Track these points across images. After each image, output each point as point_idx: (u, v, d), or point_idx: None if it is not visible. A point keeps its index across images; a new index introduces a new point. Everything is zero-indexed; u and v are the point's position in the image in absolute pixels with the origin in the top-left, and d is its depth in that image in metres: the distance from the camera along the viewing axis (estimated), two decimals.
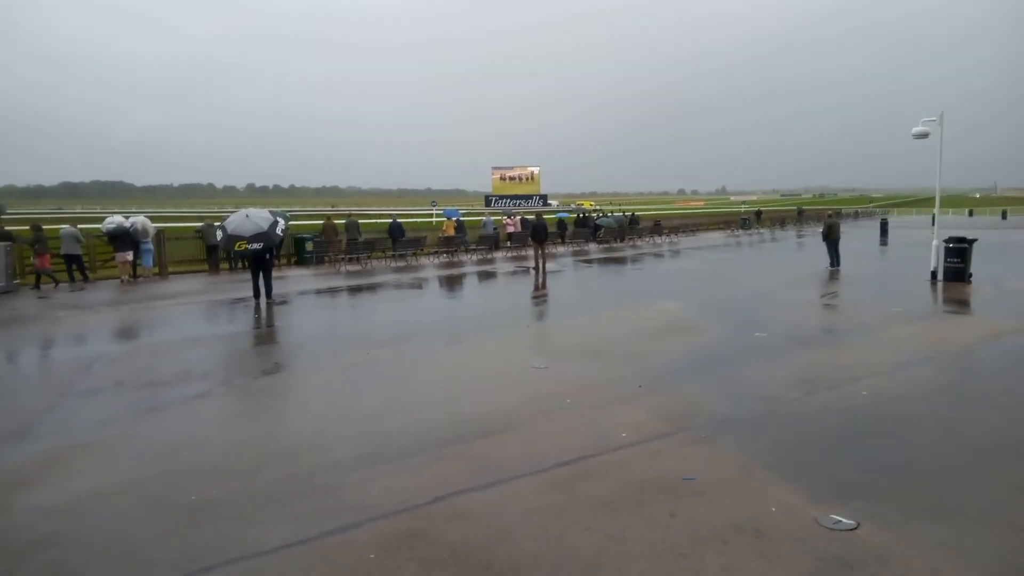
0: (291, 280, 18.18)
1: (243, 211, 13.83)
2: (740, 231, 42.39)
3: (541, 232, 20.87)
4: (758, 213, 49.10)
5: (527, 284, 17.62)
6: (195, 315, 12.95)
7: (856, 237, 33.81)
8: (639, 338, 10.17)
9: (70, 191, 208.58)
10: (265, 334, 11.12)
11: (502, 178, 78.07)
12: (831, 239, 19.60)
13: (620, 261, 24.08)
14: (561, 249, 28.94)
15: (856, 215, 69.68)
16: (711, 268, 21.39)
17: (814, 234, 39.94)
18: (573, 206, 78.99)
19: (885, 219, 39.14)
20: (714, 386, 7.47)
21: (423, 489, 4.85)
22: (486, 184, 78.41)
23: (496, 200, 73.98)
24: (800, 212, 53.97)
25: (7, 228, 17.71)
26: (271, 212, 14.10)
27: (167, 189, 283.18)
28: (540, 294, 15.73)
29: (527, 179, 77.97)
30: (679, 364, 8.59)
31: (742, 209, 74.65)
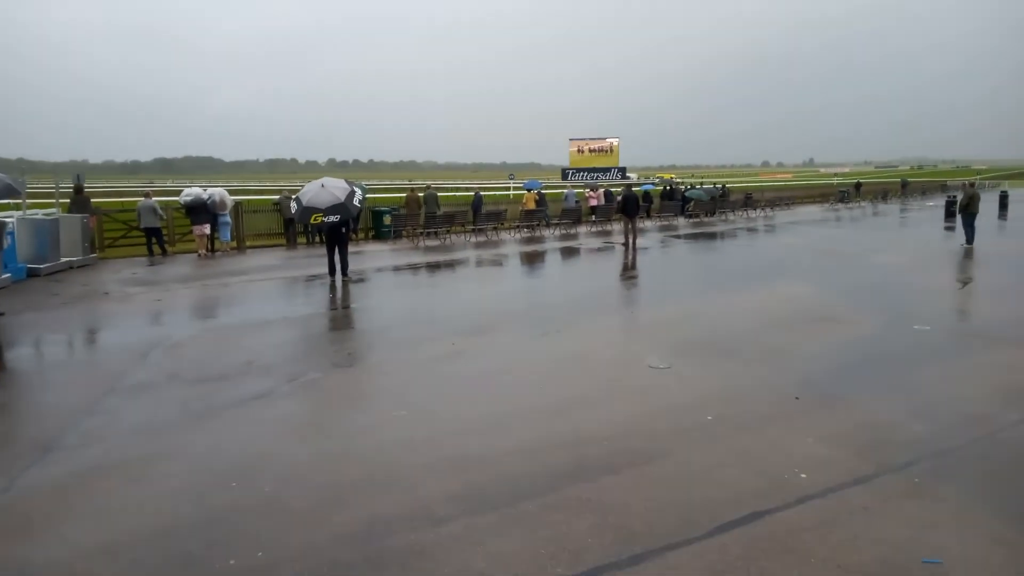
0: (368, 256, 17.12)
1: (318, 181, 12.71)
2: (840, 204, 39.18)
3: (632, 205, 19.15)
4: (857, 185, 45.38)
5: (618, 262, 15.98)
6: (267, 294, 11.96)
7: None
8: (772, 330, 8.47)
9: (163, 167, 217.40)
10: (340, 317, 9.97)
11: (580, 150, 75.84)
12: (969, 212, 17.08)
13: (716, 236, 22.06)
14: (648, 223, 26.99)
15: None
16: (823, 245, 19.15)
17: (921, 208, 36.52)
18: (656, 179, 76.16)
19: (1005, 191, 35.31)
20: (897, 399, 5.77)
21: (544, 562, 3.44)
22: (561, 158, 76.30)
23: (573, 173, 71.92)
24: (904, 184, 49.78)
25: (92, 199, 17.25)
26: (347, 182, 12.93)
27: (253, 164, 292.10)
28: (633, 274, 14.09)
29: (606, 151, 75.51)
30: (834, 365, 6.89)
31: (835, 181, 70.16)
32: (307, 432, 5.44)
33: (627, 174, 78.14)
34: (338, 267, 13.05)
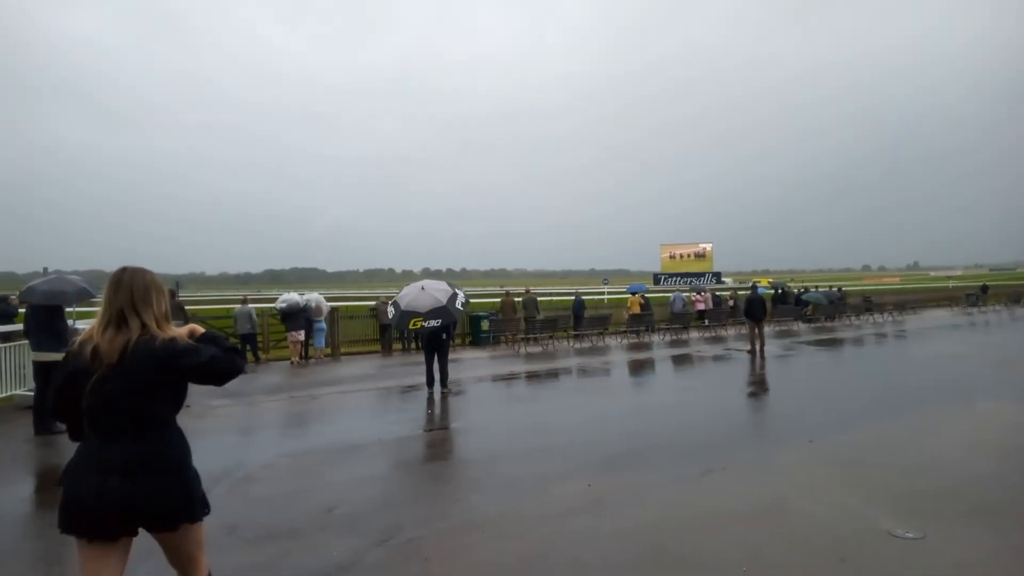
0: (466, 364, 15.47)
1: (418, 284, 11.32)
2: (972, 309, 35.13)
3: (758, 308, 16.90)
4: (984, 288, 41.05)
5: (751, 373, 13.65)
6: (359, 409, 10.38)
7: None
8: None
9: (272, 278, 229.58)
10: (440, 441, 8.17)
11: (671, 256, 73.88)
12: None
13: (850, 343, 19.31)
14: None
15: None
16: (991, 354, 16.13)
17: None
18: (767, 282, 72.91)
19: None
20: None
21: None
22: (651, 263, 74.44)
23: (666, 279, 69.76)
24: None
25: (186, 306, 16.58)
26: (449, 284, 11.49)
27: (353, 274, 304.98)
28: (776, 388, 11.75)
29: (699, 256, 73.33)
30: None
31: (951, 285, 64.87)
32: None
33: (722, 279, 75.30)
34: (437, 377, 11.44)
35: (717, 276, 72.45)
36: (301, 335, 16.55)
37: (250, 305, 17.00)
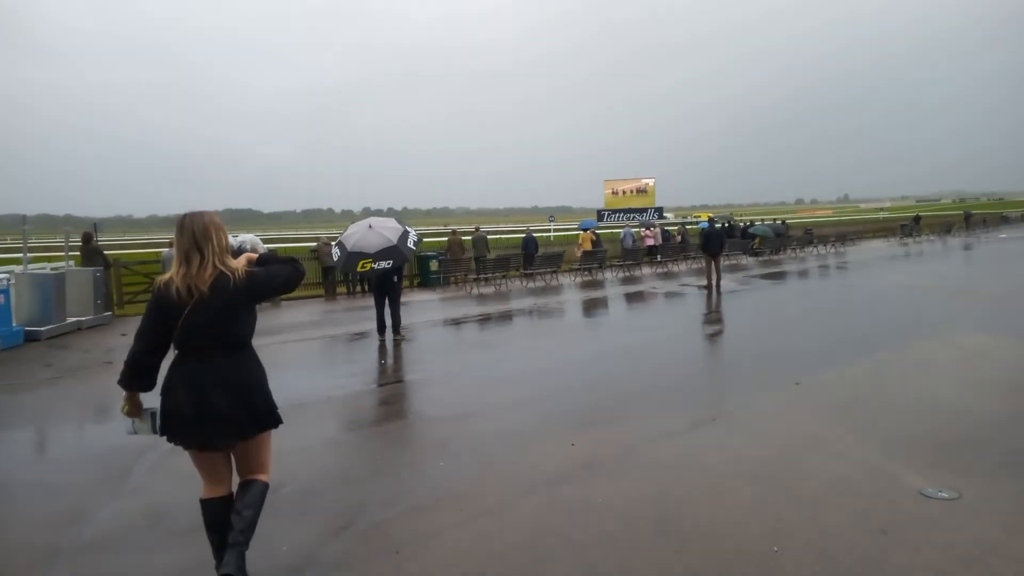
0: (417, 307, 14.58)
1: (365, 221, 10.25)
2: (908, 239, 35.94)
3: (715, 243, 16.49)
4: (917, 219, 42.14)
5: (715, 309, 13.22)
6: (304, 361, 9.43)
7: None
8: None
9: None
10: (398, 396, 7.35)
11: (614, 192, 73.60)
12: None
13: (804, 276, 19.22)
14: None
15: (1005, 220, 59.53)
16: (937, 282, 16.16)
17: (996, 239, 33.25)
18: (692, 217, 73.48)
19: None
20: None
21: None
22: (594, 200, 74.05)
23: (609, 214, 69.51)
24: (968, 216, 46.31)
25: (106, 251, 15.00)
26: (398, 221, 10.47)
27: (291, 215, 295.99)
28: (743, 325, 11.34)
29: (642, 191, 73.18)
30: None
31: (881, 216, 66.76)
32: None
33: (663, 214, 75.72)
34: (388, 323, 10.54)
35: (659, 212, 72.68)
36: None
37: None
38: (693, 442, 5.31)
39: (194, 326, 2.91)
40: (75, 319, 12.18)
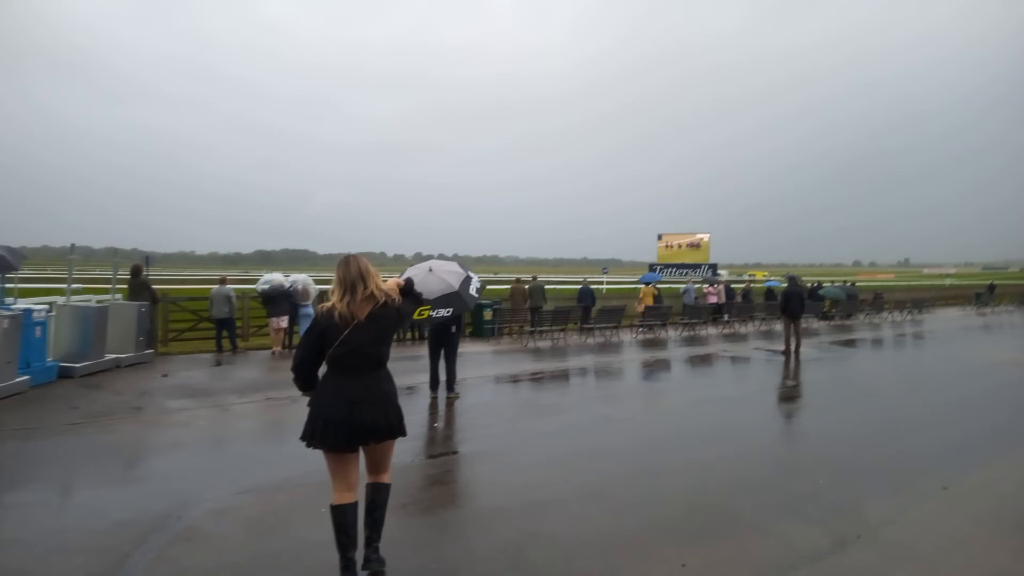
0: (470, 359, 13.48)
1: (425, 264, 9.24)
2: (984, 308, 33.48)
3: (796, 304, 15.02)
4: (991, 287, 39.49)
5: (799, 383, 11.75)
6: None
7: None
8: None
9: (263, 258, 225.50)
10: (449, 475, 6.18)
11: (668, 245, 72.21)
12: None
13: (887, 345, 17.50)
14: (778, 325, 22.51)
15: None
16: None
17: None
18: (747, 276, 71.27)
19: None
20: None
21: None
22: (644, 253, 72.60)
23: (661, 269, 67.94)
24: None
25: (154, 284, 14.36)
26: (461, 265, 9.45)
27: None
28: (826, 400, 9.86)
29: (695, 247, 71.51)
30: None
31: (947, 283, 63.52)
32: None
33: (718, 271, 73.80)
34: (442, 378, 9.46)
35: (713, 268, 70.81)
36: (284, 321, 14.48)
37: (229, 286, 14.86)
38: (846, 572, 3.98)
39: (353, 346, 3.50)
40: (114, 356, 11.44)
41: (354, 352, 3.52)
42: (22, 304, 9.81)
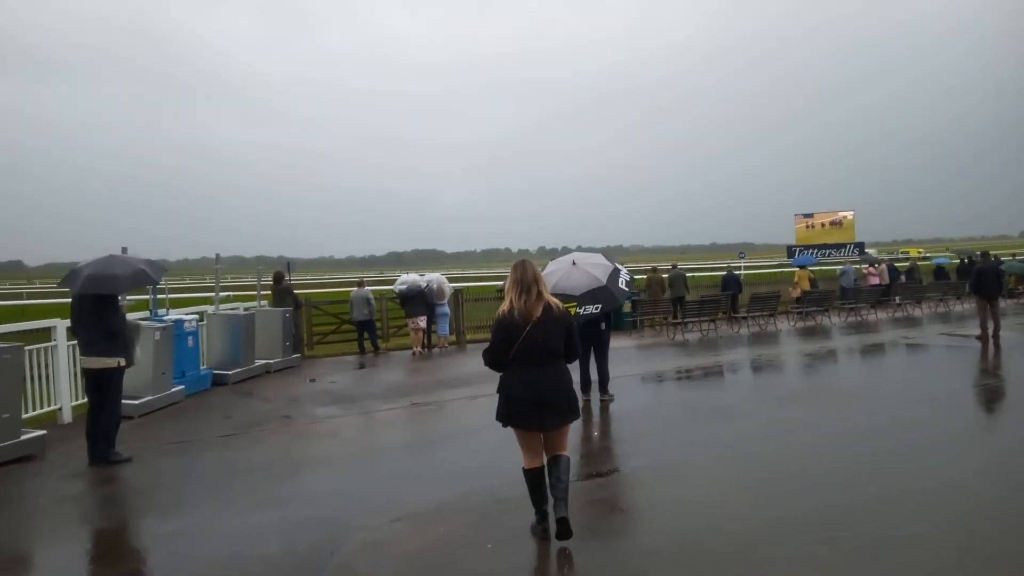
0: (614, 356, 12.40)
1: (568, 257, 8.42)
2: None
3: (992, 281, 12.83)
4: None
5: (1008, 374, 9.82)
6: (489, 425, 7.70)
7: None
8: None
9: (396, 259, 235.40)
10: (616, 501, 5.28)
11: (807, 226, 67.18)
12: None
13: None
14: (956, 306, 19.74)
15: None
16: None
17: None
18: (900, 253, 65.10)
19: None
20: None
21: None
22: (778, 235, 67.92)
23: (800, 250, 63.30)
24: None
25: (295, 290, 14.53)
26: (606, 257, 8.54)
27: (471, 255, 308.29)
28: None
29: (838, 225, 66.08)
30: None
31: None
32: None
33: (865, 250, 67.93)
34: (594, 379, 8.61)
35: (860, 247, 65.09)
36: (423, 322, 14.19)
37: (367, 288, 14.81)
38: None
39: (534, 341, 4.03)
40: (264, 361, 11.53)
41: (536, 346, 4.03)
42: (173, 315, 9.94)
